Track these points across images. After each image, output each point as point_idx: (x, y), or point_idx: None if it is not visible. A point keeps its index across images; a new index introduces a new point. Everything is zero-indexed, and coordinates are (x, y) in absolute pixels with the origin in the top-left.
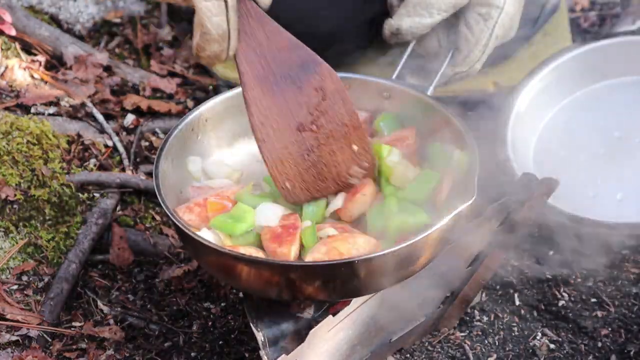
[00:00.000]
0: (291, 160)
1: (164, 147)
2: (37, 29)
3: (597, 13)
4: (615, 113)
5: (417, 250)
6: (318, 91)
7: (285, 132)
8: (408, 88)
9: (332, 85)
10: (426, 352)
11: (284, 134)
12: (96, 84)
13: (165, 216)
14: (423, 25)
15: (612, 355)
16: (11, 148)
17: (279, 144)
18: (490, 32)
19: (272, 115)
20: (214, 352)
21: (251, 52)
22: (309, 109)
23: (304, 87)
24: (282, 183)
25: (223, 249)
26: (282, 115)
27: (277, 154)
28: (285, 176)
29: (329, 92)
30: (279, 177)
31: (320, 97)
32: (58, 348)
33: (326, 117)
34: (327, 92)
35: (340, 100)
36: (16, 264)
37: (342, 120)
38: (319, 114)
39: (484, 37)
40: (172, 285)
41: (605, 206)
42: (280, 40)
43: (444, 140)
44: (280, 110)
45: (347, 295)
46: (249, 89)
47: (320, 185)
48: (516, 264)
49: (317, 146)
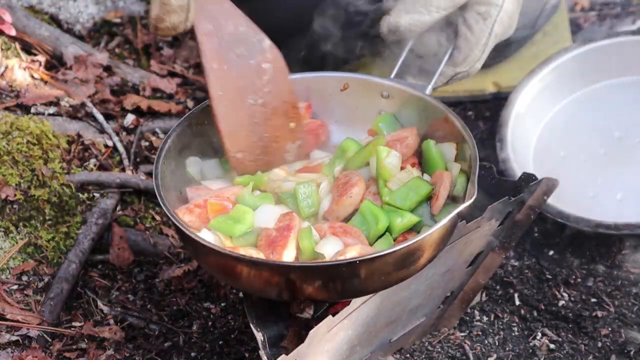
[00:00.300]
0: (243, 133)
1: (163, 147)
2: (37, 29)
3: (597, 13)
4: (615, 113)
5: (417, 250)
6: (266, 68)
7: (238, 104)
8: (407, 87)
9: (277, 64)
10: (426, 352)
11: (237, 106)
12: (96, 84)
13: (165, 216)
14: (422, 23)
15: (612, 355)
16: (11, 148)
17: (234, 116)
18: (490, 31)
19: (229, 87)
20: (214, 352)
21: (208, 24)
22: (259, 85)
23: (254, 64)
24: (235, 153)
25: (223, 250)
26: (237, 89)
27: (232, 125)
28: (237, 147)
29: (275, 68)
30: (231, 147)
31: (269, 71)
32: (58, 348)
33: (271, 93)
34: (273, 69)
35: (283, 78)
36: (16, 264)
37: (283, 97)
38: (265, 88)
39: (484, 37)
40: (172, 285)
41: (605, 206)
42: (234, 18)
43: (444, 140)
44: (235, 83)
45: (347, 295)
46: (209, 59)
47: (265, 159)
48: (516, 264)
49: (264, 121)
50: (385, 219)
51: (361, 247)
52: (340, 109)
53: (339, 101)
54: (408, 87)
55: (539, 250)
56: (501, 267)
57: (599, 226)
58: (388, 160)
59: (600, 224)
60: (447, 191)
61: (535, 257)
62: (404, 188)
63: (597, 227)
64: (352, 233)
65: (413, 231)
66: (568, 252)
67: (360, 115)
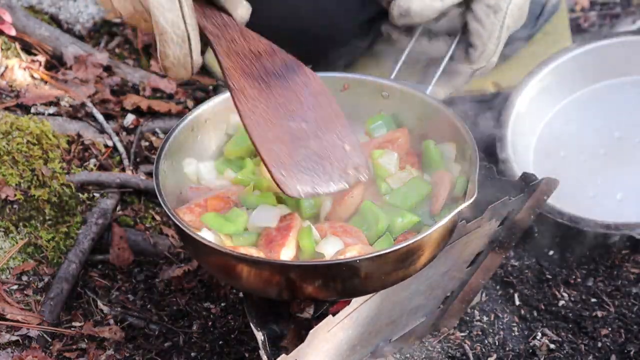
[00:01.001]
0: (285, 150)
1: (164, 148)
2: (37, 29)
3: (597, 13)
4: (615, 113)
5: (417, 250)
6: (305, 87)
7: (275, 122)
8: (407, 87)
9: (318, 87)
10: (426, 352)
11: (274, 124)
12: (96, 84)
13: (166, 216)
14: (433, 9)
15: (612, 355)
16: (11, 148)
17: (271, 133)
18: (501, 23)
19: (261, 106)
20: (214, 352)
21: (233, 53)
22: (298, 104)
23: (290, 83)
24: (278, 171)
25: (224, 249)
26: (271, 106)
27: (269, 143)
28: (281, 165)
29: (315, 91)
30: (273, 165)
31: (307, 94)
32: (58, 348)
33: (315, 113)
34: (313, 91)
35: (327, 101)
36: (16, 264)
37: (330, 117)
38: (307, 109)
39: (496, 30)
40: (172, 285)
41: (605, 206)
42: (261, 46)
43: (444, 140)
44: (269, 101)
45: (347, 295)
46: (233, 79)
47: (317, 180)
48: (516, 264)
49: (309, 139)
50: (385, 219)
51: (361, 246)
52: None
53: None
54: (408, 87)
55: (539, 250)
56: (501, 267)
57: (599, 226)
58: (382, 159)
59: (600, 224)
60: (447, 191)
61: (535, 257)
62: (404, 188)
63: (597, 227)
64: (352, 233)
65: (413, 231)
66: (568, 252)
67: (361, 116)
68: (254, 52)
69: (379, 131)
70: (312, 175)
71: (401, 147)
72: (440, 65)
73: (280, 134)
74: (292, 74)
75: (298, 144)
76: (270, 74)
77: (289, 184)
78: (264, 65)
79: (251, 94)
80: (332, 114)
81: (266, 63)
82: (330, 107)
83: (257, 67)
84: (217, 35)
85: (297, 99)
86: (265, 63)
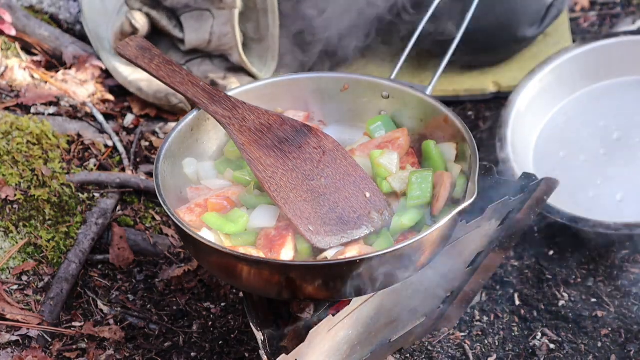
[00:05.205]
0: (309, 207)
1: (164, 148)
2: (37, 29)
3: (597, 13)
4: (615, 113)
5: (417, 250)
6: (317, 148)
7: (295, 183)
8: (407, 88)
9: (330, 145)
10: (426, 352)
11: (294, 185)
12: (96, 84)
13: (166, 216)
14: None
15: (612, 355)
16: (11, 148)
17: (292, 194)
18: None
19: (279, 171)
20: (214, 352)
21: (245, 130)
22: (313, 163)
23: (303, 146)
24: (306, 227)
25: (224, 249)
26: (289, 170)
27: (293, 203)
28: (307, 221)
29: (328, 149)
30: (299, 222)
31: (321, 153)
32: (58, 348)
33: (331, 169)
34: (326, 149)
35: (341, 156)
36: (16, 264)
37: (346, 171)
38: (323, 167)
39: None
40: (172, 285)
41: (605, 206)
42: (270, 118)
43: (444, 140)
44: (286, 166)
45: (347, 295)
46: (249, 152)
47: (344, 229)
48: (516, 264)
49: (330, 193)
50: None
51: (361, 246)
52: (340, 109)
53: (339, 101)
54: (408, 87)
55: (539, 250)
56: (501, 267)
57: (599, 226)
58: (383, 159)
59: (600, 224)
60: (448, 192)
61: (535, 257)
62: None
63: (597, 227)
64: None
65: (413, 231)
66: (568, 252)
67: (361, 116)
68: (265, 124)
69: (379, 131)
70: (338, 225)
71: (401, 147)
72: (440, 66)
73: (302, 193)
74: (304, 137)
75: (320, 199)
76: (283, 141)
77: (317, 237)
78: (275, 134)
79: (268, 162)
80: (348, 167)
81: (278, 132)
82: (346, 160)
83: (270, 138)
84: (229, 117)
85: (312, 158)
86: (276, 132)
